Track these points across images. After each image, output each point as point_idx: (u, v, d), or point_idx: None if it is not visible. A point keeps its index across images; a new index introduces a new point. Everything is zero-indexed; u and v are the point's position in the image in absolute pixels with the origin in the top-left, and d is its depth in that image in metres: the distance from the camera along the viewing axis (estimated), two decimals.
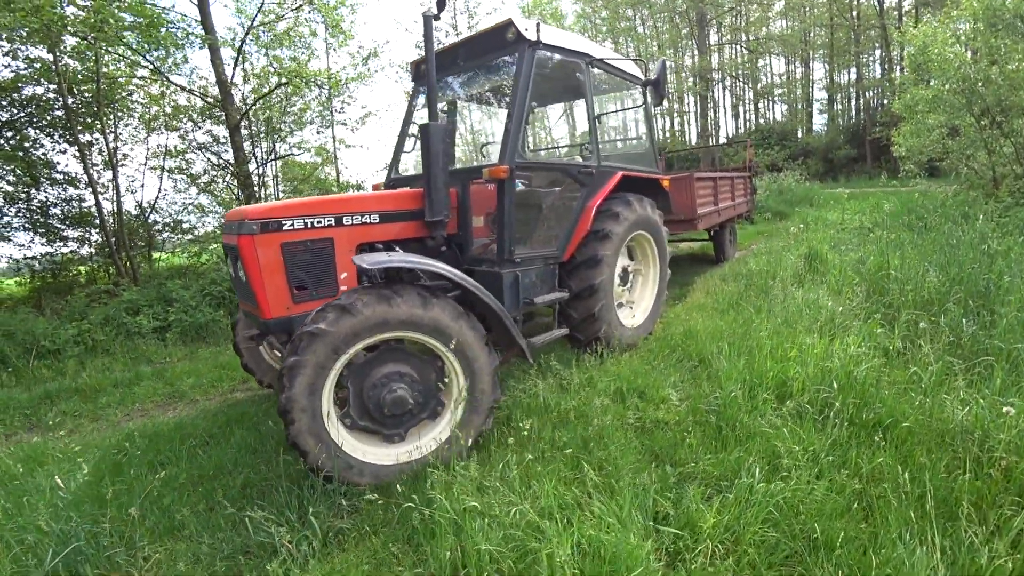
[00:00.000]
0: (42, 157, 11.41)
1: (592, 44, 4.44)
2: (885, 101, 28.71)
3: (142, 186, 14.67)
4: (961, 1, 10.06)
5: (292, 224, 3.27)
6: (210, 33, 9.43)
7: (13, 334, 7.59)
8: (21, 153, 10.89)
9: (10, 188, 11.66)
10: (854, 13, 31.02)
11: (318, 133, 13.13)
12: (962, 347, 3.71)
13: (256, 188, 11.35)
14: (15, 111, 10.72)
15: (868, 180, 24.33)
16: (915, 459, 2.50)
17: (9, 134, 11.13)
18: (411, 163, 5.12)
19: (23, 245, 12.06)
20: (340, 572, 2.31)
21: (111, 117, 11.56)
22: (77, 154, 10.63)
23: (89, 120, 10.67)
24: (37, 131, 11.23)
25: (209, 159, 11.97)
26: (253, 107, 10.42)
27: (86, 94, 10.53)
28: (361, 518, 2.70)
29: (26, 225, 11.98)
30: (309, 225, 3.33)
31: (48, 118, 10.80)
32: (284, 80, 9.67)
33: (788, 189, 17.87)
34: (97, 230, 11.82)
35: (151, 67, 9.90)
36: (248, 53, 10.81)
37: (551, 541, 2.07)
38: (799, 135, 32.47)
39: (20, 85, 10.27)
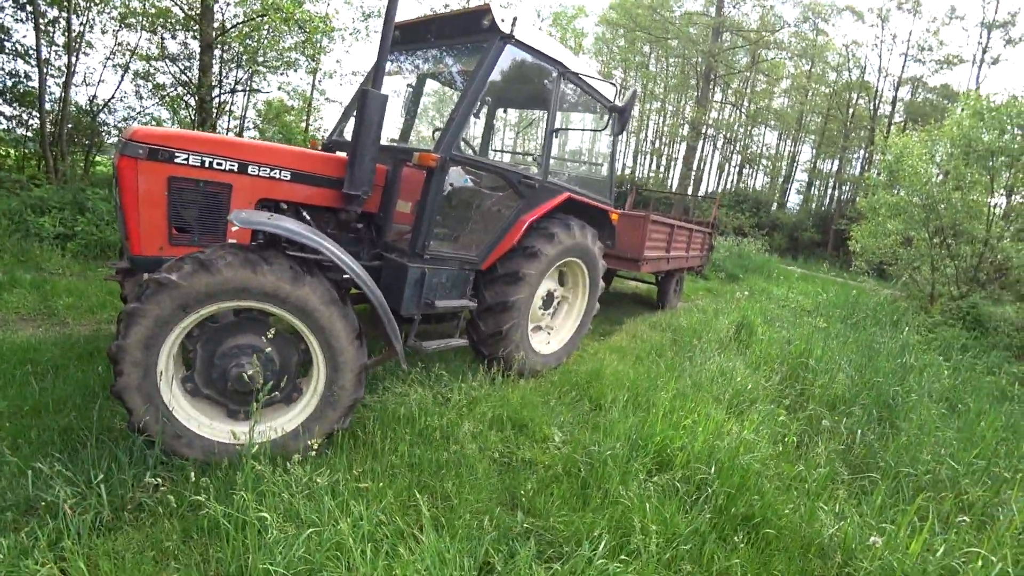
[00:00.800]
0: None
1: (570, 55, 4.26)
2: (856, 198, 30.19)
3: (100, 81, 13.70)
4: (944, 124, 10.55)
5: (187, 159, 2.93)
6: None
7: None
8: None
9: None
10: (850, 111, 32.52)
11: (298, 76, 12.59)
12: (854, 455, 3.70)
13: (213, 115, 10.68)
14: None
15: (824, 267, 25.38)
16: (772, 567, 2.37)
17: None
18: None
19: None
20: (112, 554, 2.01)
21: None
22: (36, 28, 9.71)
23: None
24: None
25: (174, 73, 11.20)
26: (228, 31, 9.79)
27: None
28: (171, 496, 2.40)
29: None
30: (207, 164, 3.00)
31: None
32: (263, 13, 9.12)
33: (747, 255, 18.33)
34: (36, 113, 10.86)
35: None
36: None
37: (353, 572, 1.85)
38: (773, 208, 33.65)
39: None
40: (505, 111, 6.92)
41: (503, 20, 3.59)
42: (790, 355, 5.44)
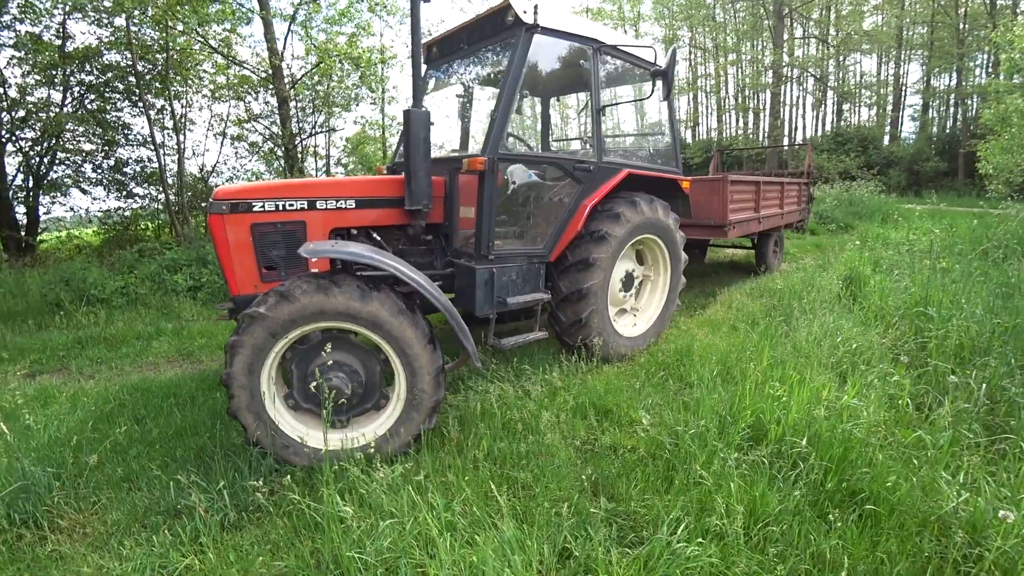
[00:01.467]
0: (118, 120, 12.29)
1: (602, 29, 4.15)
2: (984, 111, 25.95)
3: (206, 151, 15.58)
4: None
5: (263, 206, 3.29)
6: (264, 8, 9.71)
7: (69, 281, 8.27)
8: (101, 115, 11.78)
9: (91, 147, 12.67)
10: (960, 11, 27.89)
11: (371, 109, 13.46)
12: (994, 412, 3.20)
13: (300, 159, 11.70)
14: (96, 75, 11.56)
15: (957, 197, 22.13)
16: (880, 547, 2.12)
17: (92, 97, 12.06)
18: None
19: (98, 199, 13.13)
20: (237, 547, 2.33)
21: (181, 85, 12.27)
22: (148, 119, 11.33)
23: (159, 87, 11.33)
24: (116, 96, 12.08)
25: (259, 130, 12.46)
26: (296, 84, 10.72)
27: (159, 62, 11.17)
28: (282, 498, 2.71)
29: (102, 181, 13.01)
30: (280, 208, 3.34)
31: (122, 85, 11.56)
32: (320, 60, 9.87)
33: (859, 200, 16.54)
34: (159, 189, 12.64)
35: (203, 40, 10.32)
36: (300, 32, 11.11)
37: (435, 559, 1.97)
38: (885, 142, 29.88)
39: (102, 51, 11.03)
40: (559, 99, 6.88)
41: (524, 12, 3.60)
42: (906, 305, 4.84)
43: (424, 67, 4.84)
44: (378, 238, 3.80)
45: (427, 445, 3.00)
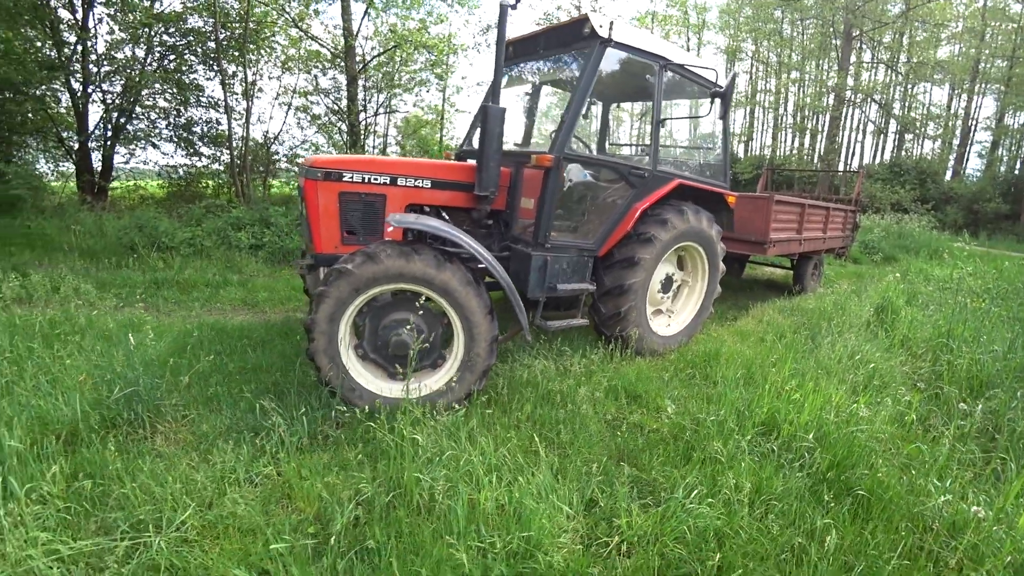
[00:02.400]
0: (193, 81, 13.08)
1: (669, 47, 4.43)
2: None
3: (271, 118, 16.56)
4: None
5: (352, 177, 3.71)
6: None
7: (143, 227, 9.00)
8: (179, 76, 12.56)
9: (165, 104, 13.51)
10: None
11: (429, 93, 13.96)
12: (993, 443, 3.40)
13: (362, 136, 12.25)
14: (179, 39, 12.34)
15: (1016, 242, 21.36)
16: (867, 533, 2.40)
17: (171, 57, 12.85)
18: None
19: (167, 154, 14.01)
20: (309, 464, 2.76)
21: (255, 54, 12.96)
22: (221, 83, 12.06)
23: (235, 54, 12.01)
24: (193, 58, 12.85)
25: (326, 104, 13.05)
26: (368, 64, 11.23)
27: (237, 30, 11.85)
28: (348, 431, 3.13)
29: (172, 138, 13.86)
30: (366, 180, 3.76)
31: (201, 49, 12.29)
32: (393, 44, 10.33)
33: (909, 234, 16.22)
34: (226, 151, 13.40)
35: (280, 12, 10.88)
36: (372, 14, 11.61)
37: (483, 490, 2.36)
38: (947, 177, 28.86)
39: (185, 16, 11.76)
40: (618, 106, 7.16)
41: (601, 26, 3.93)
42: (932, 337, 5.01)
43: None
44: (446, 217, 4.21)
45: (476, 403, 3.39)
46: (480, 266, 3.55)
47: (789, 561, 2.25)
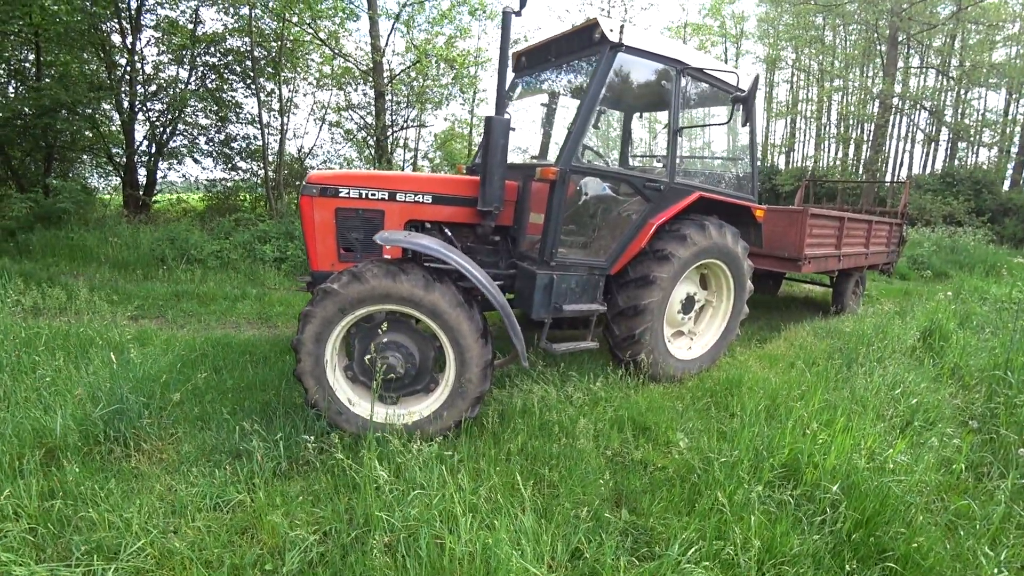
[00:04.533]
0: (232, 99, 13.53)
1: (687, 50, 4.17)
2: None
3: (305, 133, 16.84)
4: None
5: (348, 192, 3.61)
6: (371, 7, 10.37)
7: (174, 240, 9.24)
8: (219, 94, 13.04)
9: (206, 122, 14.02)
10: None
11: (460, 107, 14.03)
12: None
13: (388, 151, 12.35)
14: (219, 58, 12.81)
15: None
16: None
17: (212, 76, 13.34)
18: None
19: (207, 169, 14.52)
20: (284, 492, 2.62)
21: (291, 71, 13.32)
22: (258, 99, 12.41)
23: (271, 71, 12.36)
24: (233, 77, 13.31)
25: (357, 120, 13.25)
26: (393, 80, 11.34)
27: (273, 49, 12.20)
28: (329, 457, 2.97)
29: (211, 153, 14.35)
30: (363, 196, 3.65)
31: (239, 68, 12.71)
32: (416, 59, 10.40)
33: (963, 248, 15.19)
34: (260, 165, 13.77)
35: (313, 32, 11.12)
36: (402, 31, 11.75)
37: (456, 533, 2.14)
38: (1004, 187, 27.03)
39: (226, 37, 12.19)
40: (640, 116, 6.90)
41: (611, 30, 3.71)
42: (987, 367, 4.50)
43: (512, 75, 5.05)
44: (449, 234, 4.04)
45: (466, 431, 3.19)
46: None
47: None
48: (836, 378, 4.46)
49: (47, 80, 11.62)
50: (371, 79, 11.69)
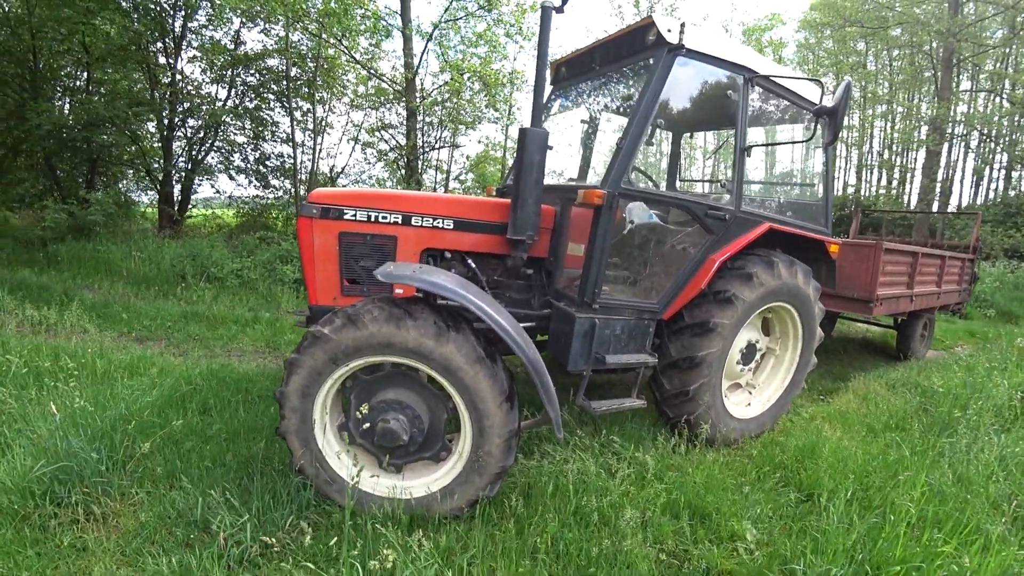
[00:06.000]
0: (268, 118, 13.56)
1: (756, 57, 3.55)
2: None
3: (339, 153, 16.78)
4: None
5: (355, 215, 3.09)
6: (406, 25, 10.14)
7: (196, 257, 8.99)
8: (257, 113, 13.09)
9: (242, 139, 14.07)
10: None
11: (495, 128, 13.73)
12: None
13: (419, 171, 12.05)
14: (258, 77, 12.86)
15: None
16: None
17: (251, 95, 13.42)
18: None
19: (240, 186, 14.55)
20: None
21: (326, 91, 13.27)
22: (291, 119, 12.35)
23: (306, 91, 12.29)
24: (270, 96, 13.35)
25: (388, 140, 13.04)
26: (425, 99, 11.07)
27: (309, 70, 12.14)
28: (316, 540, 2.39)
29: (245, 170, 14.36)
30: (373, 219, 3.12)
31: (276, 87, 12.72)
32: (451, 78, 10.10)
33: None
34: (293, 183, 13.68)
35: (348, 53, 10.98)
36: (434, 49, 11.52)
37: None
38: None
39: (264, 57, 12.24)
40: (691, 136, 6.27)
41: (669, 30, 3.12)
42: None
43: (549, 88, 4.51)
44: (473, 265, 3.47)
45: (482, 515, 2.55)
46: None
47: None
48: (932, 451, 3.67)
49: (96, 97, 11.85)
50: (403, 98, 11.44)
